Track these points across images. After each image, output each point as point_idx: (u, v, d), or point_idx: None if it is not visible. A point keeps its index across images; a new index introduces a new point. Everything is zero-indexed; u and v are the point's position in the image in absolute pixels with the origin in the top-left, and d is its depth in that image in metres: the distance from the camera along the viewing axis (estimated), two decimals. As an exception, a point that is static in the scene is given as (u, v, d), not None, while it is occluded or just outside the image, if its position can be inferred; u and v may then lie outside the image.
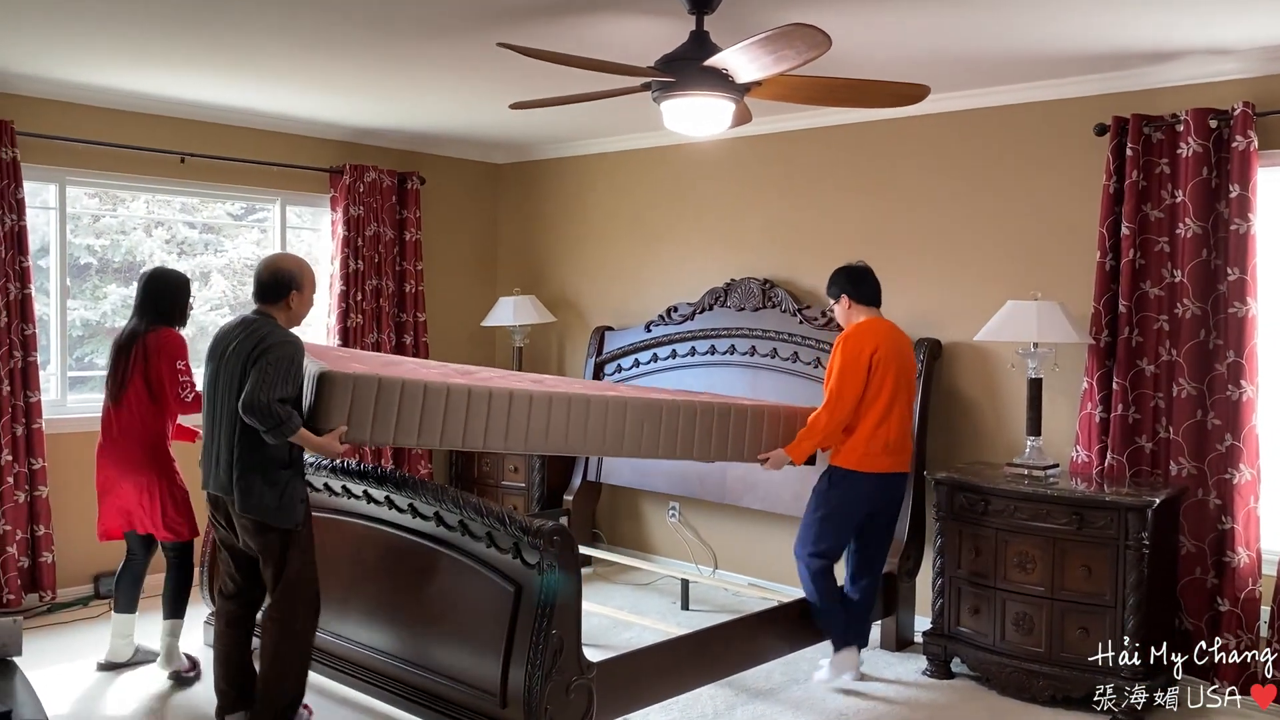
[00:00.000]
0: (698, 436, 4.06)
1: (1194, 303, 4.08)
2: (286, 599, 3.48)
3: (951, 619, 4.31)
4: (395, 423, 3.41)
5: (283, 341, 3.37)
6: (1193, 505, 4.10)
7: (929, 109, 4.66)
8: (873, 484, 4.15)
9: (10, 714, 2.49)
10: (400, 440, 3.46)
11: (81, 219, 5.51)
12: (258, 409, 3.25)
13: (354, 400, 3.35)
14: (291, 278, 3.53)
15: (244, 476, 3.38)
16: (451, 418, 3.50)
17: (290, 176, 5.97)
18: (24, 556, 4.93)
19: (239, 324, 3.52)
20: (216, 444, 3.49)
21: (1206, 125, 4.03)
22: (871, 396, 4.08)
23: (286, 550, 3.45)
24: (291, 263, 3.60)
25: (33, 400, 4.92)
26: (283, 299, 3.52)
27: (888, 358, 4.08)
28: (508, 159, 6.93)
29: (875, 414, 4.09)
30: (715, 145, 5.71)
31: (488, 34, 3.88)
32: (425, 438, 3.48)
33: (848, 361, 4.06)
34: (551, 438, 3.74)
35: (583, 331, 6.47)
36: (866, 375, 4.05)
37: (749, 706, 4.01)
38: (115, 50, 4.37)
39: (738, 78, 3.33)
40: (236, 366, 3.39)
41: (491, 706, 3.31)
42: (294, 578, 3.47)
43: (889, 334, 4.16)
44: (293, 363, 3.35)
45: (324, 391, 3.32)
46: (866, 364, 4.05)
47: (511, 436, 3.64)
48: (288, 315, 3.55)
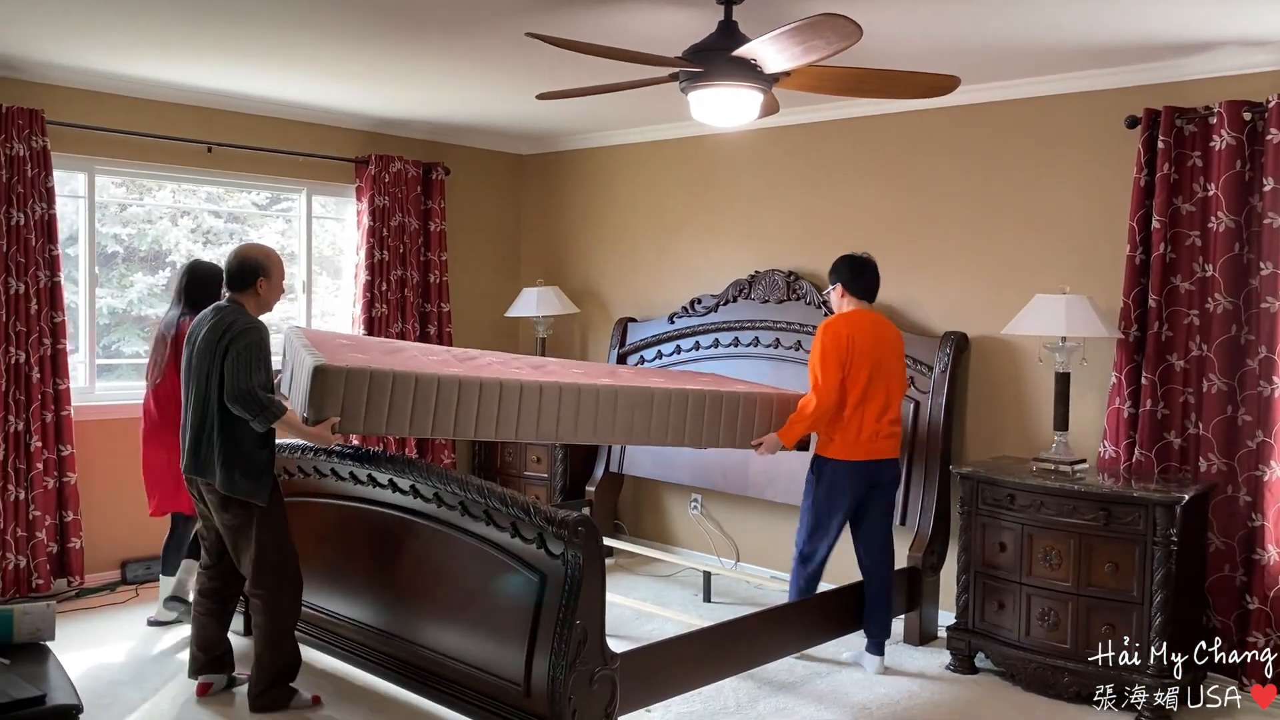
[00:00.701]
0: (689, 423, 4.13)
1: (1225, 297, 4.04)
2: (267, 578, 3.69)
3: (976, 614, 4.29)
4: (387, 413, 3.51)
5: (246, 328, 3.60)
6: (1222, 502, 4.06)
7: (958, 100, 4.62)
8: (854, 471, 4.22)
9: (45, 698, 2.51)
10: (392, 430, 3.55)
11: (109, 208, 5.55)
12: (241, 397, 3.51)
13: (347, 392, 3.46)
14: (259, 265, 3.75)
15: (223, 455, 3.60)
16: (442, 409, 3.58)
17: (316, 166, 6.00)
18: (53, 542, 4.99)
19: (212, 312, 3.75)
20: (192, 426, 3.70)
21: (1240, 118, 3.98)
22: (848, 386, 4.17)
23: (255, 528, 3.67)
24: (258, 252, 3.82)
25: (61, 387, 4.97)
26: (250, 286, 3.73)
27: (864, 348, 4.16)
28: (532, 150, 6.93)
29: (851, 403, 4.18)
30: (741, 136, 5.69)
31: (515, 24, 3.87)
32: (416, 427, 3.58)
33: (826, 348, 4.16)
34: (542, 427, 3.81)
35: (606, 323, 6.47)
36: (845, 365, 4.14)
37: (771, 699, 4.01)
38: (144, 40, 4.39)
39: (766, 68, 3.31)
40: (207, 352, 3.62)
41: (515, 696, 3.32)
42: (271, 557, 3.69)
43: (870, 325, 4.24)
44: (260, 349, 3.59)
45: (318, 384, 3.42)
46: (844, 351, 4.14)
47: (502, 426, 3.71)
48: (258, 301, 3.76)
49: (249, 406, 3.52)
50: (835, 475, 4.24)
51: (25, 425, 4.86)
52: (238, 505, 3.66)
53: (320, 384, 3.42)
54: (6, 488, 4.82)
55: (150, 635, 4.58)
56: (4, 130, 4.76)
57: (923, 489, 4.80)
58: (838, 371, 4.15)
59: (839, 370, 4.15)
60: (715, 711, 3.88)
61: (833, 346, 4.16)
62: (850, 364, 4.15)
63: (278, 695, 3.76)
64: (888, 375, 4.26)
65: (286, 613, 3.76)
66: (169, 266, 5.77)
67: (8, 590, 4.82)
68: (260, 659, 3.74)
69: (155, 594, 4.93)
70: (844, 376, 4.15)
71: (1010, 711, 3.94)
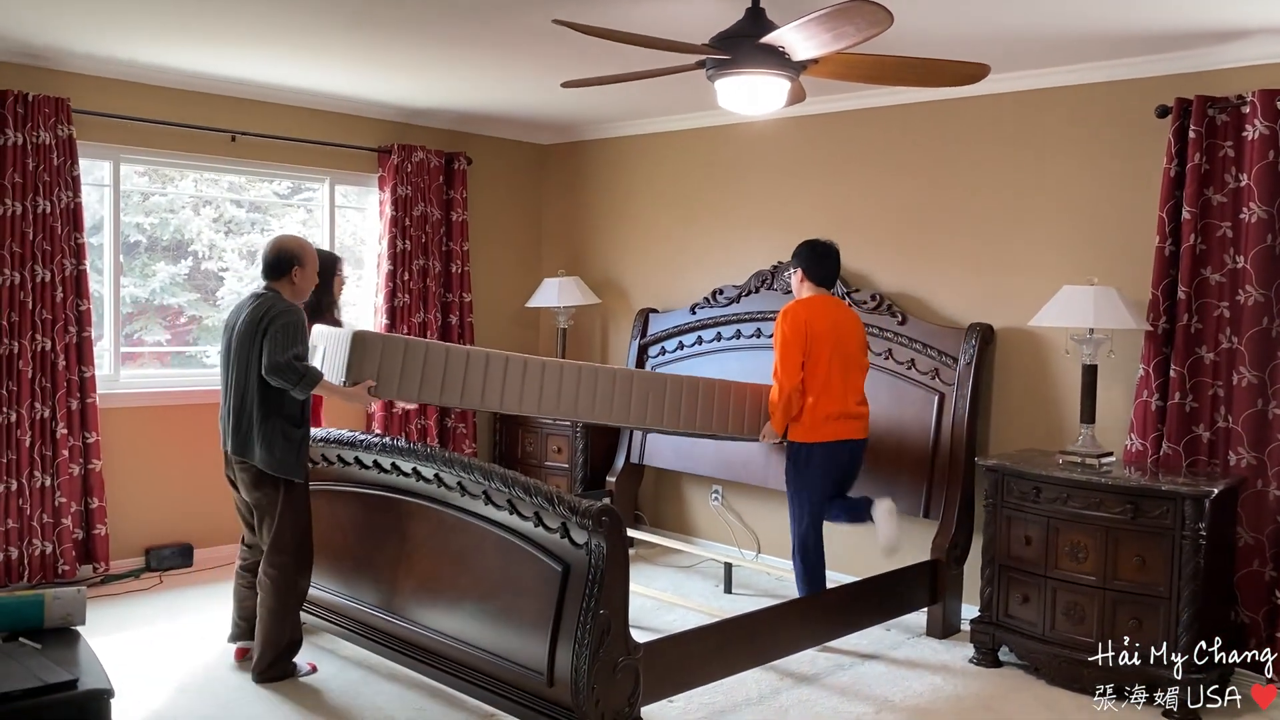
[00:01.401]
0: (700, 410, 4.40)
1: (1257, 289, 3.98)
2: (280, 557, 3.85)
3: (1000, 607, 4.26)
4: (420, 381, 3.86)
5: (286, 309, 3.79)
6: (1252, 496, 4.02)
7: (986, 90, 4.57)
8: (826, 451, 4.37)
9: (76, 682, 2.52)
10: (424, 396, 3.90)
11: (132, 197, 5.57)
12: (280, 368, 3.68)
13: (383, 357, 3.80)
14: (294, 255, 3.94)
15: (264, 434, 3.77)
16: (471, 378, 3.95)
17: (339, 156, 6.00)
18: (78, 529, 5.02)
19: (250, 299, 3.93)
20: (233, 409, 3.85)
21: (1274, 107, 3.92)
22: (810, 369, 4.30)
23: (280, 504, 3.83)
24: (294, 242, 4.02)
25: (87, 375, 4.99)
26: (286, 275, 3.92)
27: (823, 332, 4.30)
28: (554, 140, 6.91)
29: (815, 385, 4.32)
30: (764, 126, 5.66)
31: (541, 12, 3.86)
32: (447, 395, 3.93)
33: (786, 334, 4.31)
34: (563, 404, 4.15)
35: (627, 313, 6.45)
36: (804, 348, 4.28)
37: (793, 691, 4.00)
38: (169, 28, 4.40)
39: (794, 55, 3.28)
40: (248, 336, 3.78)
41: (538, 684, 3.32)
42: (289, 537, 3.86)
43: (829, 309, 4.39)
44: (298, 328, 3.78)
45: (357, 348, 3.77)
46: (803, 336, 4.27)
47: (526, 400, 4.09)
48: (292, 289, 3.94)
49: (288, 376, 3.69)
50: (811, 459, 4.39)
51: (51, 412, 4.90)
52: (269, 483, 3.83)
53: (359, 348, 3.76)
54: (33, 474, 4.86)
55: (175, 621, 4.61)
56: (31, 119, 4.77)
57: (946, 481, 4.77)
58: (797, 356, 4.28)
59: (799, 355, 4.28)
60: (737, 703, 3.87)
61: (792, 332, 4.29)
62: (810, 348, 4.28)
63: (281, 670, 3.93)
64: (847, 357, 4.38)
65: (294, 592, 3.92)
66: (190, 256, 5.79)
67: (34, 576, 4.86)
68: (266, 636, 3.89)
69: (179, 581, 4.95)
70: (805, 360, 4.28)
71: (1034, 705, 3.91)
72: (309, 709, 3.71)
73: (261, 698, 3.79)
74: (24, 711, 2.42)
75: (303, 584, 3.94)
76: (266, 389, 3.76)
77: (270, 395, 3.78)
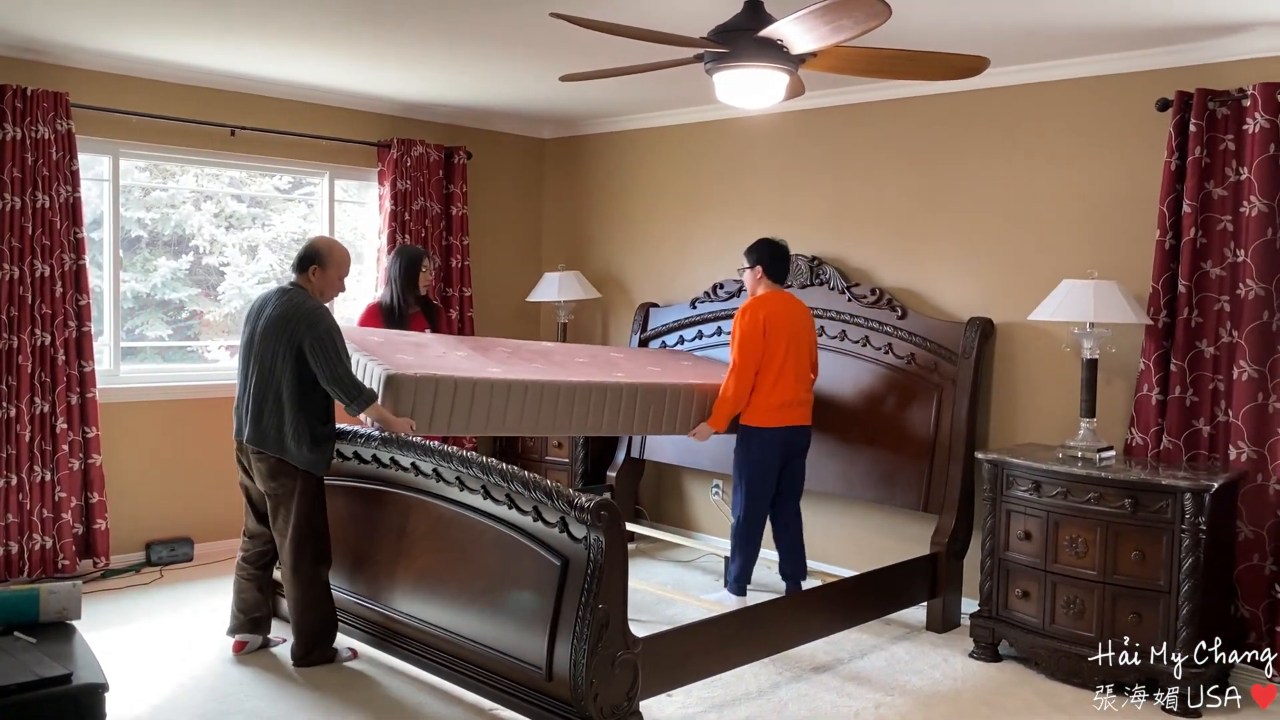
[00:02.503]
0: (621, 414, 4.53)
1: (1257, 283, 3.97)
2: (301, 546, 3.92)
3: (1000, 601, 4.26)
4: (450, 414, 4.05)
5: (314, 311, 3.87)
6: (1252, 490, 4.01)
7: (986, 83, 4.57)
8: (777, 436, 4.57)
9: (71, 676, 2.53)
10: (454, 428, 4.10)
11: (132, 192, 5.56)
12: (340, 384, 3.81)
13: (416, 398, 3.95)
14: (316, 254, 4.00)
15: (294, 428, 3.85)
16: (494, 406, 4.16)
17: (338, 150, 6.00)
18: (78, 524, 5.02)
19: (276, 292, 4.00)
20: (254, 399, 3.91)
21: (1274, 100, 3.91)
22: (767, 360, 4.50)
23: (297, 497, 3.89)
24: (321, 242, 4.10)
25: (87, 370, 4.99)
26: (305, 271, 4.00)
27: (779, 326, 4.51)
28: (554, 134, 6.90)
29: (771, 375, 4.51)
30: (763, 120, 5.65)
31: (539, 5, 3.84)
32: (474, 425, 4.15)
33: (746, 331, 4.48)
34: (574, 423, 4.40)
35: (628, 308, 6.45)
36: (762, 343, 4.46)
37: (792, 685, 4.00)
38: (168, 23, 4.39)
39: (793, 49, 3.27)
40: (276, 330, 3.86)
41: (537, 679, 3.32)
42: (306, 528, 3.91)
43: (784, 304, 4.60)
44: (336, 332, 3.86)
45: (391, 390, 3.90)
46: (761, 331, 4.47)
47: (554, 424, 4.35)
48: (311, 287, 4.00)
49: (347, 392, 3.81)
50: (760, 442, 4.57)
51: (51, 407, 4.90)
52: (287, 474, 3.90)
53: (392, 389, 3.90)
54: (33, 469, 4.86)
55: (174, 615, 4.61)
56: (30, 113, 4.77)
57: (946, 475, 4.76)
58: (754, 354, 4.48)
59: (755, 353, 4.48)
60: (736, 697, 3.87)
61: (750, 330, 4.48)
62: (767, 343, 4.48)
63: (320, 655, 4.02)
64: (800, 348, 4.59)
65: (318, 580, 3.99)
66: (191, 251, 5.79)
67: (34, 571, 4.87)
68: (299, 626, 3.99)
69: (179, 575, 4.96)
70: (761, 354, 4.48)
71: (1034, 699, 3.91)
72: (307, 703, 3.71)
73: (260, 692, 3.79)
74: (18, 706, 2.43)
75: (323, 571, 4.01)
76: (298, 385, 3.84)
77: (302, 391, 3.85)
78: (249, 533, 4.16)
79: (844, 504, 5.34)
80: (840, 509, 5.39)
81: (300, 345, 3.82)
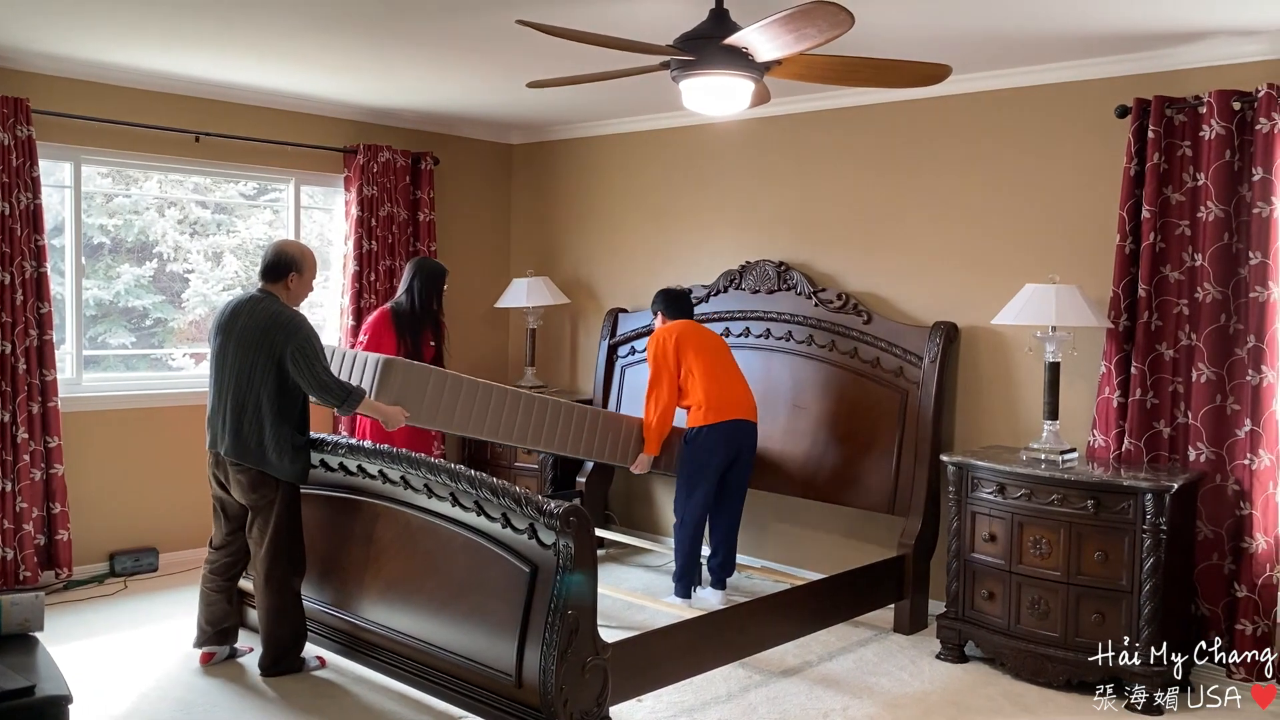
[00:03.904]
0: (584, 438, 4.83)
1: (1214, 287, 4.04)
2: (278, 556, 3.91)
3: (966, 603, 4.30)
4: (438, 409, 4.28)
5: (293, 319, 3.85)
6: (1211, 491, 4.08)
7: (948, 90, 4.62)
8: (719, 432, 4.72)
9: (34, 688, 2.50)
10: (440, 424, 4.32)
11: (95, 198, 5.51)
12: (326, 389, 3.82)
13: (409, 384, 4.13)
14: (293, 260, 3.98)
15: (275, 440, 3.84)
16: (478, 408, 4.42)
17: (304, 156, 5.96)
18: (40, 534, 4.96)
19: (247, 300, 3.95)
20: (232, 411, 3.87)
21: (1230, 107, 3.98)
22: (686, 372, 4.77)
23: (277, 507, 3.88)
24: (294, 248, 4.06)
25: (48, 379, 4.93)
26: (282, 279, 3.96)
27: (689, 340, 4.80)
28: (522, 139, 6.90)
29: (696, 384, 4.74)
30: (731, 126, 5.68)
31: (505, 12, 3.85)
32: (459, 424, 4.37)
33: (654, 357, 4.82)
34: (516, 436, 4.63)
35: (597, 313, 6.46)
36: (675, 361, 4.75)
37: (763, 689, 4.02)
38: (131, 28, 4.35)
39: (758, 56, 3.29)
40: (253, 340, 3.82)
41: (507, 686, 3.32)
42: (284, 538, 3.91)
43: (690, 326, 4.90)
44: (315, 338, 3.86)
45: (385, 374, 4.07)
46: (670, 353, 4.76)
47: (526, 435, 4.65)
48: (287, 294, 3.97)
49: (335, 396, 3.84)
50: (705, 439, 4.73)
51: (12, 417, 4.83)
52: (269, 485, 3.88)
53: (389, 374, 4.07)
54: (-7, 480, 4.79)
55: (138, 627, 4.56)
56: (-11, 119, 4.71)
57: (913, 478, 4.81)
58: (668, 373, 4.76)
59: (669, 371, 4.76)
60: (706, 701, 3.88)
61: (659, 353, 4.78)
62: (682, 357, 4.76)
63: (287, 665, 4.00)
64: (724, 358, 4.88)
65: (290, 590, 3.97)
66: (156, 258, 5.74)
67: (-5, 583, 4.80)
68: (269, 635, 3.96)
69: (144, 586, 4.91)
70: (679, 369, 4.76)
71: (1000, 699, 3.95)
72: (274, 713, 3.69)
73: (226, 702, 3.76)
74: (-19, 719, 2.40)
75: (297, 581, 4.00)
76: (279, 396, 3.83)
77: (282, 403, 3.85)
78: (217, 544, 4.13)
79: (811, 507, 5.37)
80: (808, 512, 5.42)
81: (281, 356, 3.80)
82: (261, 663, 3.99)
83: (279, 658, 3.98)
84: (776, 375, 5.33)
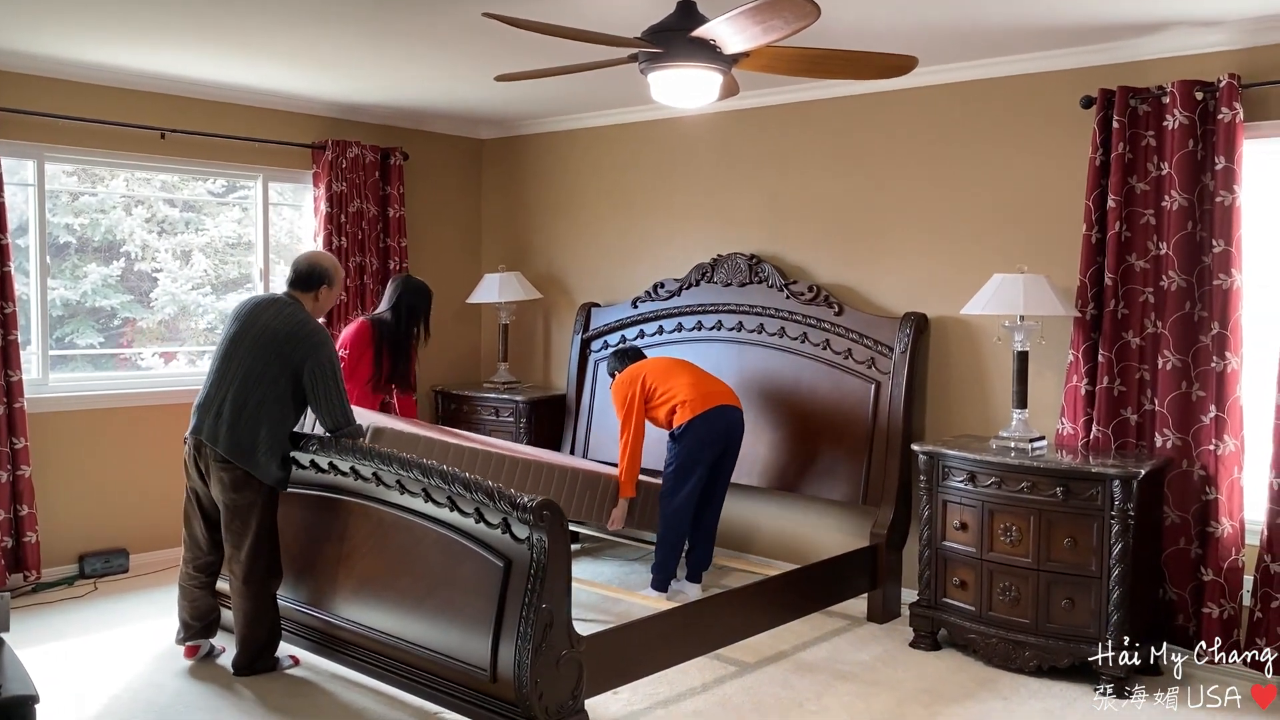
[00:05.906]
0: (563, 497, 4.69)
1: (1179, 275, 4.09)
2: (254, 562, 3.89)
3: (938, 591, 4.34)
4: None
5: (317, 335, 3.87)
6: (1177, 476, 4.13)
7: (915, 82, 4.65)
8: (709, 420, 4.71)
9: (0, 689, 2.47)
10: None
11: (60, 197, 5.44)
12: (337, 417, 3.83)
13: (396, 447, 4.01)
14: (326, 273, 4.06)
15: (268, 444, 3.82)
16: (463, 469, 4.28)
17: (272, 152, 5.92)
18: (7, 536, 4.90)
19: (271, 301, 4.00)
20: (231, 406, 3.84)
21: (1192, 97, 4.03)
22: (661, 393, 4.78)
23: (258, 510, 3.87)
24: (329, 261, 4.14)
25: (14, 379, 4.87)
26: (313, 290, 4.03)
27: (648, 374, 4.87)
28: (492, 134, 6.88)
29: (674, 388, 4.76)
30: (701, 119, 5.69)
31: (472, 5, 3.83)
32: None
33: (623, 401, 4.84)
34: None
35: (569, 308, 6.45)
36: (643, 397, 4.80)
37: (737, 679, 4.03)
38: (96, 24, 4.30)
39: (725, 48, 3.30)
40: (269, 345, 3.84)
41: (481, 681, 3.31)
42: (264, 542, 3.89)
43: (643, 364, 4.99)
44: (337, 365, 3.89)
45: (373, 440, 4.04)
46: (638, 389, 4.81)
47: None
48: (314, 305, 4.04)
49: (337, 423, 3.84)
50: (695, 431, 4.69)
51: (-23, 418, 4.77)
52: (253, 487, 3.86)
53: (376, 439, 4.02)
54: (-41, 482, 4.73)
55: (109, 629, 4.52)
56: (-51, 117, 4.65)
57: (884, 468, 4.84)
58: (635, 414, 4.79)
59: (635, 412, 4.79)
60: (681, 692, 3.90)
61: (628, 395, 4.81)
62: (652, 386, 4.81)
63: (263, 664, 4.00)
64: (687, 363, 4.97)
65: (267, 592, 3.96)
66: (123, 257, 5.68)
67: (-38, 586, 4.74)
68: (245, 637, 3.95)
69: (114, 587, 4.86)
70: (652, 398, 4.80)
71: (973, 685, 3.99)
72: (249, 713, 3.66)
73: (200, 703, 3.73)
74: (-54, 722, 2.37)
75: (275, 584, 3.99)
76: (282, 404, 3.84)
77: (284, 411, 3.86)
78: (198, 542, 4.06)
79: (784, 498, 5.40)
80: (781, 503, 5.45)
81: (299, 368, 3.81)
82: (236, 662, 3.97)
83: (254, 658, 3.96)
84: (749, 368, 5.35)
